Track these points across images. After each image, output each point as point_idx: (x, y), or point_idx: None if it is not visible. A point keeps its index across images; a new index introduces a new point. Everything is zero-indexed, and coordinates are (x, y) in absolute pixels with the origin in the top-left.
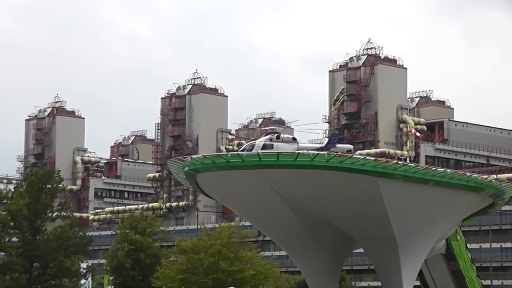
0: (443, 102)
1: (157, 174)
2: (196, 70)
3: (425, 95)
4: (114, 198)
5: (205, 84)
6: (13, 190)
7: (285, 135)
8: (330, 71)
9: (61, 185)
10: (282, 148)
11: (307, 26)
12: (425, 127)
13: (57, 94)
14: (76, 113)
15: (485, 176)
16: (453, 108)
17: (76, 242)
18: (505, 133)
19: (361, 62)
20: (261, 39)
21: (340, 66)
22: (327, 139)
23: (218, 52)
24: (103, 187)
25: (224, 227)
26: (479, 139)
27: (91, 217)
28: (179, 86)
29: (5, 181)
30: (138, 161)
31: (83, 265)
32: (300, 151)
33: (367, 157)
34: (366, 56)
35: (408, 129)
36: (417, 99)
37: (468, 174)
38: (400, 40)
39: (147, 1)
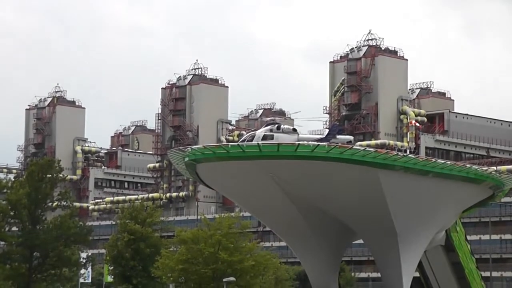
0: (444, 94)
1: (157, 164)
2: (197, 60)
3: (425, 86)
4: (114, 188)
5: (205, 74)
6: (13, 179)
7: (286, 126)
8: (330, 62)
9: (61, 175)
10: (282, 139)
11: (308, 17)
12: (425, 119)
13: (58, 84)
14: (77, 103)
15: (485, 168)
16: (453, 100)
17: (76, 232)
18: (505, 124)
19: (361, 53)
20: (262, 29)
21: (340, 57)
22: (327, 130)
23: (219, 43)
24: (103, 177)
25: (224, 218)
26: (479, 130)
27: (91, 207)
28: (180, 77)
29: (5, 170)
30: (138, 151)
31: (83, 255)
32: (300, 142)
33: (367, 148)
34: (366, 47)
35: (409, 121)
36: (417, 91)
37: (468, 165)
38: (401, 31)
39: None
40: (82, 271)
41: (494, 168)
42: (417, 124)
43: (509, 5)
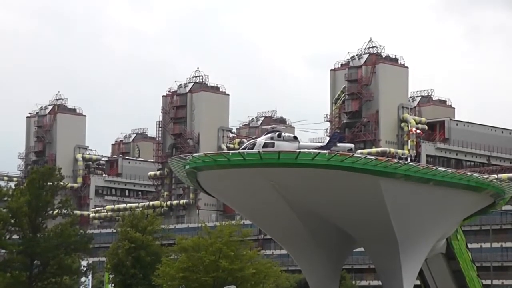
0: (444, 102)
1: (158, 172)
2: (198, 68)
3: (426, 94)
4: (115, 196)
5: (206, 82)
6: (14, 187)
7: (286, 134)
8: (331, 70)
9: (62, 183)
10: (283, 146)
11: (309, 25)
12: (426, 126)
13: (58, 92)
14: (77, 111)
15: (486, 176)
16: (454, 108)
17: (77, 240)
18: (506, 132)
19: (362, 61)
20: (263, 37)
21: (341, 64)
22: (328, 138)
23: (220, 50)
24: (104, 185)
25: (225, 226)
26: (480, 138)
27: (91, 215)
28: (181, 84)
29: (6, 178)
30: (139, 159)
31: (84, 263)
32: (301, 150)
33: (368, 156)
34: (367, 55)
35: (409, 128)
36: (418, 98)
37: (469, 173)
38: (401, 39)
39: None
40: (83, 279)
41: (495, 176)
42: (418, 132)
43: (509, 11)
